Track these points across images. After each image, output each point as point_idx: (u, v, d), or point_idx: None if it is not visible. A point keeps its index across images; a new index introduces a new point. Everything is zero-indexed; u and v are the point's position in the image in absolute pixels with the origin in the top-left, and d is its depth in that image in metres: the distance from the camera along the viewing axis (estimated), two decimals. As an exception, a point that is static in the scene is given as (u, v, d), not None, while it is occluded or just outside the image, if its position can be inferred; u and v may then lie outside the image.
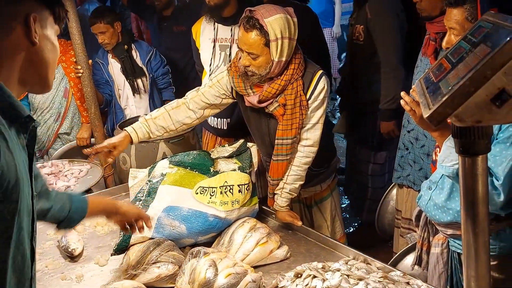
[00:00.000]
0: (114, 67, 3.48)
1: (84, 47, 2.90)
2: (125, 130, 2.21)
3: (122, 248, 1.86)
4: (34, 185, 0.98)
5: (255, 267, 1.74)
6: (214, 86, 2.25)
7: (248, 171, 2.07)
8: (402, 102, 1.61)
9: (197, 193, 1.94)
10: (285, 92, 2.07)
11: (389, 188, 3.00)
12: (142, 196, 1.97)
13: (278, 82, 2.07)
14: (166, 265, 1.70)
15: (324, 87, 2.09)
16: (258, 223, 1.90)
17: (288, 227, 2.10)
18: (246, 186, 2.01)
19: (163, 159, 2.12)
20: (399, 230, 2.78)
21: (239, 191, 1.99)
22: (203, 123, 3.09)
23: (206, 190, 1.95)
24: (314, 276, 1.56)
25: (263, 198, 2.37)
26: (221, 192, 1.95)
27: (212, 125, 2.97)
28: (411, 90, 1.65)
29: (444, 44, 1.79)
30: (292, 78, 2.07)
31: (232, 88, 2.21)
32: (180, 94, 3.80)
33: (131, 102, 3.51)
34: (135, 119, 3.31)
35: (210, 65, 2.87)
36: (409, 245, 2.14)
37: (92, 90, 2.98)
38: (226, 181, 1.98)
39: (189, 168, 2.03)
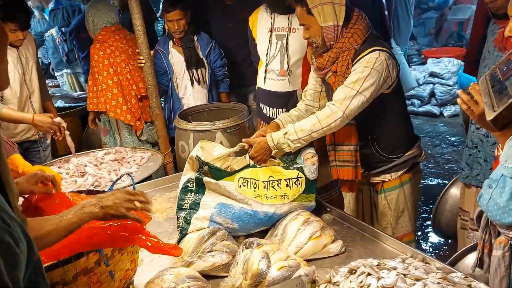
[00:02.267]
0: (175, 56, 3.57)
1: (147, 38, 2.98)
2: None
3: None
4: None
5: (308, 261, 1.73)
6: (312, 72, 2.48)
7: (293, 167, 2.04)
8: (458, 100, 1.53)
9: (240, 186, 1.93)
10: (338, 60, 2.19)
11: (447, 186, 2.86)
12: (192, 187, 1.98)
13: (332, 50, 2.20)
14: (220, 255, 1.73)
15: (370, 59, 2.10)
16: (312, 217, 1.88)
17: (344, 221, 2.06)
18: (294, 180, 1.99)
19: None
20: (466, 232, 2.64)
21: (287, 185, 1.97)
22: (259, 113, 3.11)
23: (248, 181, 1.95)
24: (369, 274, 1.52)
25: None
26: (264, 187, 1.95)
27: (268, 115, 2.97)
28: (469, 88, 1.55)
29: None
30: (344, 47, 2.17)
31: None
32: (236, 82, 3.86)
33: (189, 92, 3.59)
34: (194, 109, 3.41)
35: (267, 54, 2.86)
36: (471, 244, 2.04)
37: (153, 80, 3.07)
38: (271, 176, 1.98)
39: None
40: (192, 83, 3.56)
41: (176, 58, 3.57)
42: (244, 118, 3.04)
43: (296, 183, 1.99)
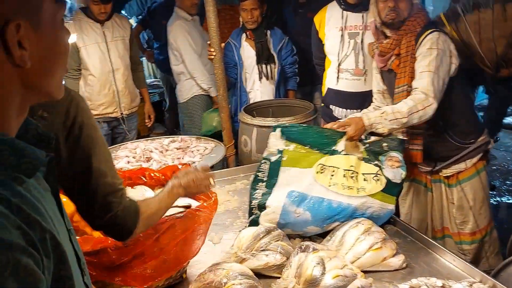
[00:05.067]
0: (246, 49, 3.56)
1: (218, 30, 2.99)
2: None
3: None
4: (66, 219, 0.80)
5: (365, 272, 1.65)
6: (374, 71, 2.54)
7: (374, 163, 1.97)
8: None
9: (317, 172, 1.91)
10: (402, 42, 2.25)
11: None
12: (264, 177, 1.95)
13: (397, 33, 2.27)
14: (274, 255, 1.69)
15: (431, 39, 2.17)
16: (373, 227, 1.78)
17: (408, 234, 1.94)
18: (373, 176, 1.94)
19: (275, 128, 2.03)
20: None
21: (365, 179, 1.92)
22: (327, 115, 3.03)
23: (325, 168, 1.92)
24: (431, 295, 1.42)
25: None
26: (344, 175, 1.91)
27: (340, 117, 2.89)
28: None
29: None
30: (408, 29, 2.24)
31: None
32: (304, 80, 3.80)
33: (257, 87, 3.57)
34: (259, 103, 3.39)
35: (338, 54, 2.78)
36: None
37: (222, 73, 3.07)
38: (352, 166, 1.93)
39: (308, 146, 1.97)
40: (260, 78, 3.54)
41: (247, 52, 3.56)
42: (310, 117, 2.97)
43: (375, 178, 1.94)
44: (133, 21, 6.23)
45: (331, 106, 2.96)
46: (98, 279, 1.26)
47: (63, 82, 0.80)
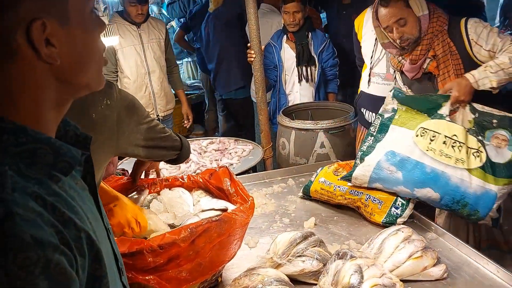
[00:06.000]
0: (286, 51, 3.54)
1: (259, 33, 2.99)
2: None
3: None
4: (104, 218, 0.81)
5: (404, 281, 1.59)
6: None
7: (477, 137, 1.94)
8: None
9: (417, 135, 1.95)
10: (434, 44, 2.17)
11: None
12: (374, 132, 2.08)
13: (424, 37, 2.18)
14: (310, 261, 1.67)
15: (473, 23, 2.11)
16: (414, 235, 1.73)
17: (449, 243, 1.87)
18: (474, 151, 1.90)
19: (392, 90, 2.14)
20: None
21: (467, 152, 1.90)
22: (359, 119, 2.98)
23: (426, 132, 1.95)
24: (474, 308, 1.36)
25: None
26: (444, 142, 1.91)
27: (370, 121, 2.83)
28: None
29: None
30: (436, 30, 2.16)
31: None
32: (345, 82, 3.75)
33: (296, 89, 3.55)
34: (298, 106, 3.36)
35: (371, 57, 2.73)
36: None
37: (261, 75, 3.07)
38: (455, 135, 1.92)
39: (416, 110, 2.04)
40: (300, 80, 3.52)
41: (288, 54, 3.54)
42: (350, 120, 2.92)
43: (475, 154, 1.90)
44: (174, 24, 6.33)
45: (362, 109, 2.91)
46: (133, 281, 1.28)
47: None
